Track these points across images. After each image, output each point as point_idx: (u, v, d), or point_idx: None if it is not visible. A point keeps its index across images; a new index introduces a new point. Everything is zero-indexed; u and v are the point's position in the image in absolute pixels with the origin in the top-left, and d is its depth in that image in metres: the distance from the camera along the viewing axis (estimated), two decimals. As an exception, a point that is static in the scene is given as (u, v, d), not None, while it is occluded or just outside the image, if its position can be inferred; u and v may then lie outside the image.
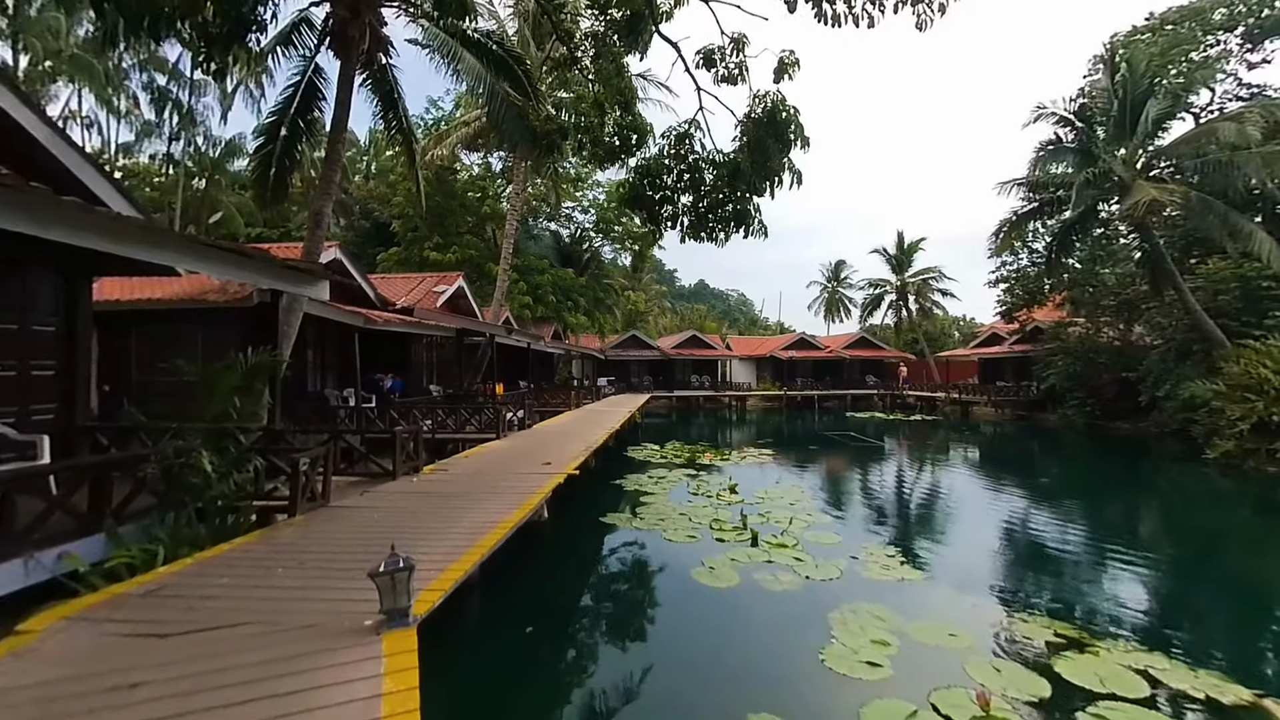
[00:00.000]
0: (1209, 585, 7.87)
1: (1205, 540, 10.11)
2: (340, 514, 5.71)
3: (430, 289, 18.04)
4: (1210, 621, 6.53)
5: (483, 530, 5.03)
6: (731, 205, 8.19)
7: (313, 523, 5.36)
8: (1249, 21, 21.25)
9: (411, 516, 5.61)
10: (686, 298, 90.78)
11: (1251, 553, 9.39)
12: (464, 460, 9.24)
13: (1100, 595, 7.06)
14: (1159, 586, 7.67)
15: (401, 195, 29.30)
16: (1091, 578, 7.78)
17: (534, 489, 6.85)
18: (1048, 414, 28.00)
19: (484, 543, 4.66)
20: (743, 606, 6.23)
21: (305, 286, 7.46)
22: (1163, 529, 10.96)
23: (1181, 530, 10.83)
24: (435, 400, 16.37)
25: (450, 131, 25.26)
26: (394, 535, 4.86)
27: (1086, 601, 6.75)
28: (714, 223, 8.40)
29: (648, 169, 8.01)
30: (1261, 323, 18.05)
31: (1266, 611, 6.79)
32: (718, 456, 16.51)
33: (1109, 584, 7.53)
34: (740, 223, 8.15)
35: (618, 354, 38.59)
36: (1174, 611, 6.77)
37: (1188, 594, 7.54)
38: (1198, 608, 7.01)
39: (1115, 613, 6.36)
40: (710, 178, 8.27)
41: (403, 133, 13.89)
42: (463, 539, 4.82)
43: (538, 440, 12.24)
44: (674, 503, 10.69)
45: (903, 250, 44.91)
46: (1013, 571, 8.13)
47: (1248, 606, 6.98)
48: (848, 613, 5.83)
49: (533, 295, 29.90)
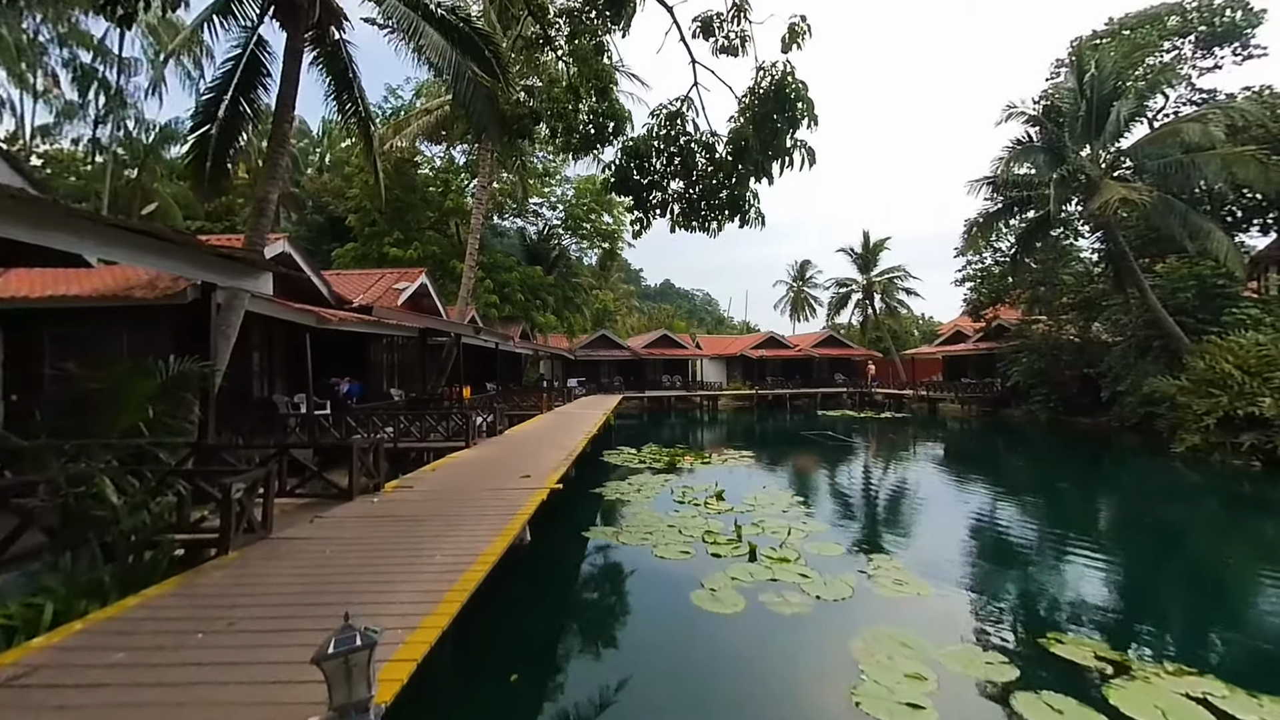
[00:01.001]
0: (1234, 592, 7.39)
1: (1212, 541, 9.81)
2: (285, 548, 4.79)
3: (390, 286, 16.85)
4: (1250, 634, 6.11)
5: (460, 566, 4.22)
6: (726, 192, 7.56)
7: (249, 562, 4.44)
8: (1200, 29, 22.02)
9: (372, 550, 4.73)
10: (652, 297, 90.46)
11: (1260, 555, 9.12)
12: (431, 474, 8.31)
13: (1125, 606, 6.71)
14: (1182, 594, 7.34)
15: (358, 188, 27.72)
16: (1110, 586, 7.46)
17: (515, 508, 6.03)
18: (1012, 410, 28.58)
19: (463, 584, 3.86)
20: (754, 636, 5.58)
21: (244, 279, 6.44)
22: (1161, 529, 10.53)
23: (1181, 530, 10.54)
24: (397, 405, 15.25)
25: (410, 120, 23.89)
26: (350, 577, 4.01)
27: (1112, 613, 6.38)
28: (707, 211, 7.75)
29: (635, 150, 7.29)
30: (1219, 320, 18.63)
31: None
32: (697, 460, 15.92)
33: (1131, 593, 7.22)
34: (735, 210, 7.52)
35: (587, 354, 37.72)
36: (1207, 623, 6.37)
37: (1214, 602, 7.04)
38: (1231, 618, 6.53)
39: (1146, 626, 6.01)
40: (703, 161, 7.62)
41: (359, 117, 12.73)
42: (436, 579, 4.00)
43: (511, 448, 11.36)
44: (659, 513, 10.00)
45: (869, 249, 45.46)
46: (1025, 580, 7.73)
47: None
48: (871, 640, 5.26)
49: (499, 294, 28.77)
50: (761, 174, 6.10)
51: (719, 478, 13.22)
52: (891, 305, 46.30)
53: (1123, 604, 6.86)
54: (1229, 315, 18.25)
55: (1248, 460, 14.27)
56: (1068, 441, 21.61)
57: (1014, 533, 9.75)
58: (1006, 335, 29.42)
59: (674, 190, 7.87)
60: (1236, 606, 6.84)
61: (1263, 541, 9.53)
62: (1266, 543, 9.50)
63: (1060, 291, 26.60)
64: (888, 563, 7.50)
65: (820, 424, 27.61)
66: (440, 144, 29.56)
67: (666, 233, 8.46)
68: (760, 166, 5.99)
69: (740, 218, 7.58)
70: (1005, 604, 6.67)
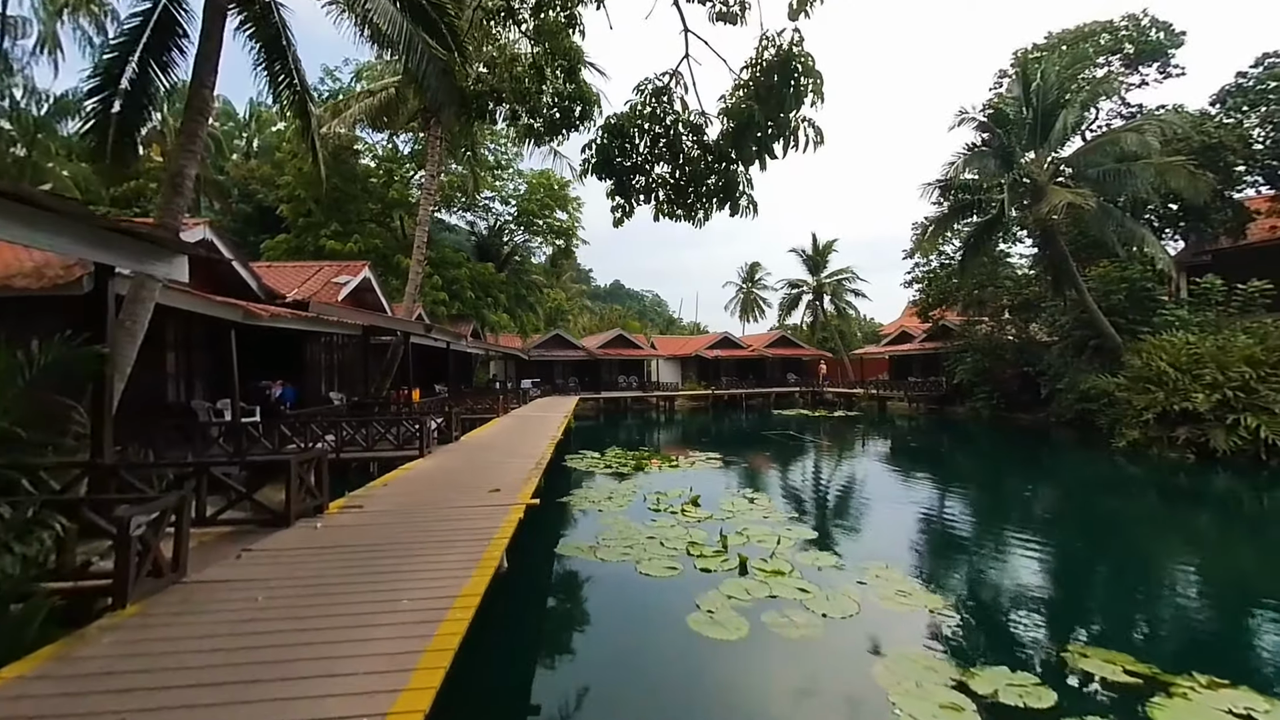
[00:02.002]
0: (1231, 591, 7.24)
1: (1192, 539, 9.74)
2: (202, 596, 3.81)
3: (330, 280, 15.40)
4: (1258, 636, 5.97)
5: (434, 613, 3.40)
6: (715, 178, 6.99)
7: (153, 617, 3.46)
8: (1127, 48, 23.43)
9: (317, 593, 3.82)
10: (602, 298, 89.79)
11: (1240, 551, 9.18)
12: (383, 490, 7.31)
13: (1132, 609, 6.56)
14: (1179, 595, 7.22)
15: (291, 174, 25.62)
16: (1109, 587, 7.39)
17: (489, 531, 5.21)
18: (956, 407, 29.64)
19: (442, 641, 3.06)
20: (765, 666, 5.01)
21: (151, 262, 5.31)
22: (1136, 527, 10.53)
23: (1156, 527, 10.59)
24: (338, 410, 13.89)
25: (351, 103, 22.14)
26: (289, 636, 3.14)
27: (1123, 616, 6.22)
28: (694, 197, 7.16)
29: (619, 128, 6.60)
30: (1148, 320, 19.77)
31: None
32: (665, 463, 15.35)
33: (1132, 595, 7.11)
34: (726, 197, 6.96)
35: (541, 354, 36.55)
36: (1216, 626, 6.25)
37: (1211, 603, 6.89)
38: (1237, 620, 6.41)
39: (1159, 630, 5.83)
40: (690, 144, 7.02)
41: (295, 91, 11.34)
42: (404, 634, 3.18)
43: (471, 456, 10.40)
44: (636, 523, 9.33)
45: (818, 251, 46.42)
46: (1026, 584, 7.50)
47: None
48: (893, 664, 4.79)
49: (448, 291, 27.29)
50: (763, 153, 5.56)
51: (690, 482, 12.69)
52: (840, 306, 47.44)
53: (1129, 606, 6.73)
54: (1159, 317, 19.38)
55: (1183, 453, 15.04)
56: (1011, 437, 22.44)
57: (997, 533, 9.68)
58: (951, 335, 30.52)
59: (659, 174, 7.23)
60: (1235, 606, 6.83)
61: (1239, 540, 9.85)
62: (1244, 542, 9.82)
63: (1001, 293, 27.81)
64: (884, 571, 7.12)
65: (777, 423, 27.70)
66: (384, 131, 27.79)
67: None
68: (764, 145, 5.45)
69: (731, 205, 7.03)
70: (1014, 612, 6.39)
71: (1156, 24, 23.21)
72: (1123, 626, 6.03)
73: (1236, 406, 14.50)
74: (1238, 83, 24.02)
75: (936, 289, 29.52)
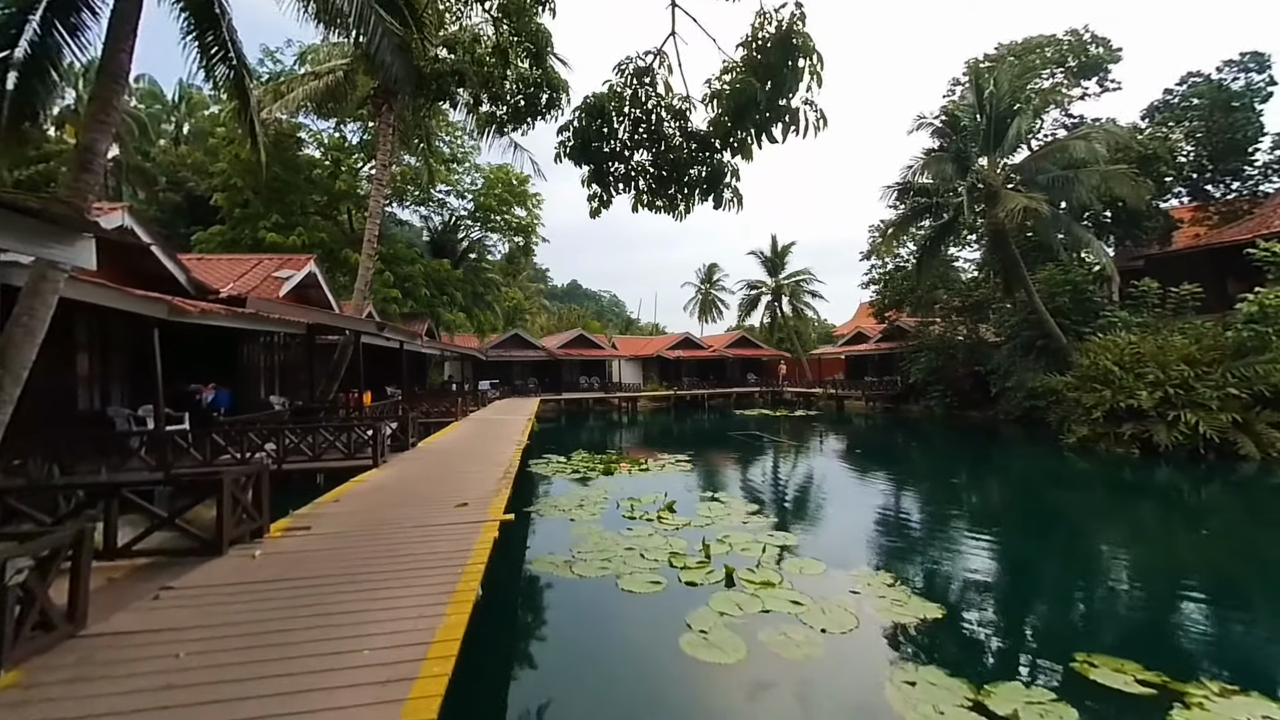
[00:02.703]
0: (1220, 592, 7.07)
1: (1170, 537, 9.70)
2: (105, 655, 3.08)
3: (270, 274, 14.19)
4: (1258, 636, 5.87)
5: (404, 672, 2.79)
6: (699, 168, 6.57)
7: (34, 695, 2.72)
8: (1069, 63, 24.59)
9: (255, 645, 3.14)
10: (560, 297, 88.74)
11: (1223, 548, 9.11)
12: (334, 506, 6.53)
13: (1121, 609, 6.51)
14: (1172, 596, 7.07)
15: (226, 161, 23.77)
16: (1097, 587, 7.35)
17: (460, 555, 4.60)
18: (911, 405, 30.46)
19: (418, 707, 2.49)
20: (772, 693, 4.61)
21: (46, 244, 4.43)
22: (1107, 525, 10.47)
23: (1116, 523, 10.60)
24: (281, 416, 12.76)
25: (294, 86, 20.61)
26: (219, 714, 2.49)
27: (1118, 619, 6.14)
28: (677, 188, 6.72)
29: (599, 108, 6.08)
30: (1090, 322, 20.71)
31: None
32: (635, 467, 14.88)
33: (1114, 594, 7.07)
34: (711, 188, 6.55)
35: (499, 354, 35.42)
36: (1208, 627, 6.17)
37: (1203, 604, 6.69)
38: (1221, 619, 6.28)
39: (1159, 634, 5.75)
40: (672, 130, 6.57)
41: (231, 68, 10.26)
42: (372, 699, 2.60)
43: (431, 465, 9.64)
44: (611, 533, 8.82)
45: (777, 253, 47.03)
46: (1016, 587, 7.47)
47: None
48: (903, 683, 4.48)
49: (401, 288, 25.98)
50: (761, 136, 5.18)
51: (662, 486, 12.28)
52: (798, 307, 48.19)
53: (1117, 606, 6.70)
54: (1103, 318, 20.31)
55: (1129, 449, 15.71)
56: (964, 434, 23.10)
57: (970, 533, 9.64)
58: (906, 336, 31.36)
59: (638, 162, 6.75)
60: (1224, 607, 6.86)
61: (1191, 535, 10.16)
62: (1195, 536, 10.14)
63: (953, 295, 28.75)
64: (872, 577, 6.89)
65: (740, 424, 27.71)
66: (330, 119, 26.21)
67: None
68: (764, 127, 5.07)
69: (715, 197, 6.63)
70: (1009, 618, 6.27)
71: (1096, 39, 24.46)
72: (1117, 628, 5.98)
73: (1177, 403, 15.24)
74: (1165, 99, 25.62)
75: (893, 290, 30.24)
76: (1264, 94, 23.13)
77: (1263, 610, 6.48)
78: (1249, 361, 15.03)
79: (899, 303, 30.31)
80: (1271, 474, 13.49)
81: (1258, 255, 15.87)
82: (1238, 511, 11.61)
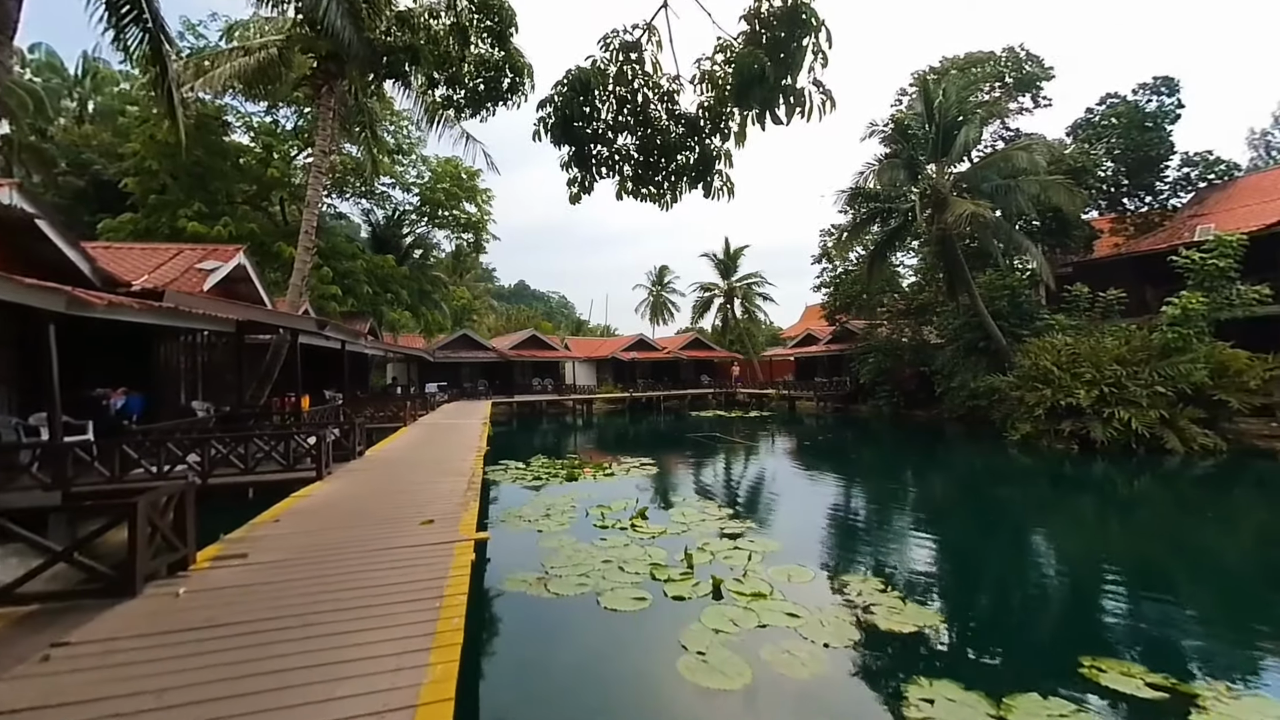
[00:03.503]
0: (1195, 587, 7.30)
1: (1142, 531, 9.84)
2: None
3: (192, 266, 12.75)
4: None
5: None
6: (688, 153, 6.16)
7: None
8: (1007, 79, 25.96)
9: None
10: (507, 298, 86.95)
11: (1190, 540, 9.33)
12: (273, 528, 5.67)
13: (1105, 605, 6.47)
14: (1154, 593, 7.06)
15: (139, 142, 21.54)
16: (1073, 583, 7.41)
17: (435, 586, 3.94)
18: (860, 405, 31.30)
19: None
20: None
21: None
22: (1070, 520, 10.61)
23: (1101, 522, 10.60)
24: (206, 424, 11.43)
25: (221, 62, 18.81)
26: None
27: (1108, 617, 6.10)
28: (664, 175, 6.28)
29: (583, 81, 5.55)
30: (1029, 324, 21.81)
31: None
32: (599, 471, 14.32)
33: (1095, 589, 7.05)
34: (700, 176, 6.15)
35: (447, 355, 33.91)
36: (1198, 627, 6.11)
37: (1190, 603, 6.76)
38: (1213, 618, 6.31)
39: (1157, 633, 5.71)
40: (659, 113, 6.13)
41: (144, 29, 8.99)
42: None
43: (383, 475, 8.77)
44: (585, 543, 8.27)
45: (729, 256, 47.52)
46: (993, 583, 7.45)
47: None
48: (922, 701, 4.21)
49: (341, 284, 24.34)
50: (763, 116, 4.81)
51: (631, 492, 11.82)
52: (750, 309, 48.85)
53: (1110, 607, 6.61)
54: (1040, 321, 21.40)
55: (1068, 445, 16.52)
56: (911, 432, 23.84)
57: (946, 532, 9.65)
58: (855, 338, 32.23)
59: (622, 146, 6.27)
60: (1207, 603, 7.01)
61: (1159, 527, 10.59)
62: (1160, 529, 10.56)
63: (899, 299, 29.77)
64: (863, 583, 6.67)
65: (696, 425, 27.62)
66: (261, 101, 24.25)
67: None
68: (767, 106, 4.70)
69: (705, 186, 6.24)
70: (1005, 620, 6.17)
71: (1030, 57, 25.92)
72: (1109, 628, 5.90)
73: (1111, 401, 16.14)
74: (1086, 117, 27.47)
75: (843, 293, 30.98)
76: (1173, 115, 25.13)
77: (1236, 607, 6.66)
78: (1173, 361, 16.09)
79: (849, 305, 31.07)
80: (1193, 467, 14.43)
81: (1180, 262, 17.05)
82: (1193, 505, 11.72)
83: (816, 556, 7.93)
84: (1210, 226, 21.09)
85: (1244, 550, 8.74)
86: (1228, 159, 25.70)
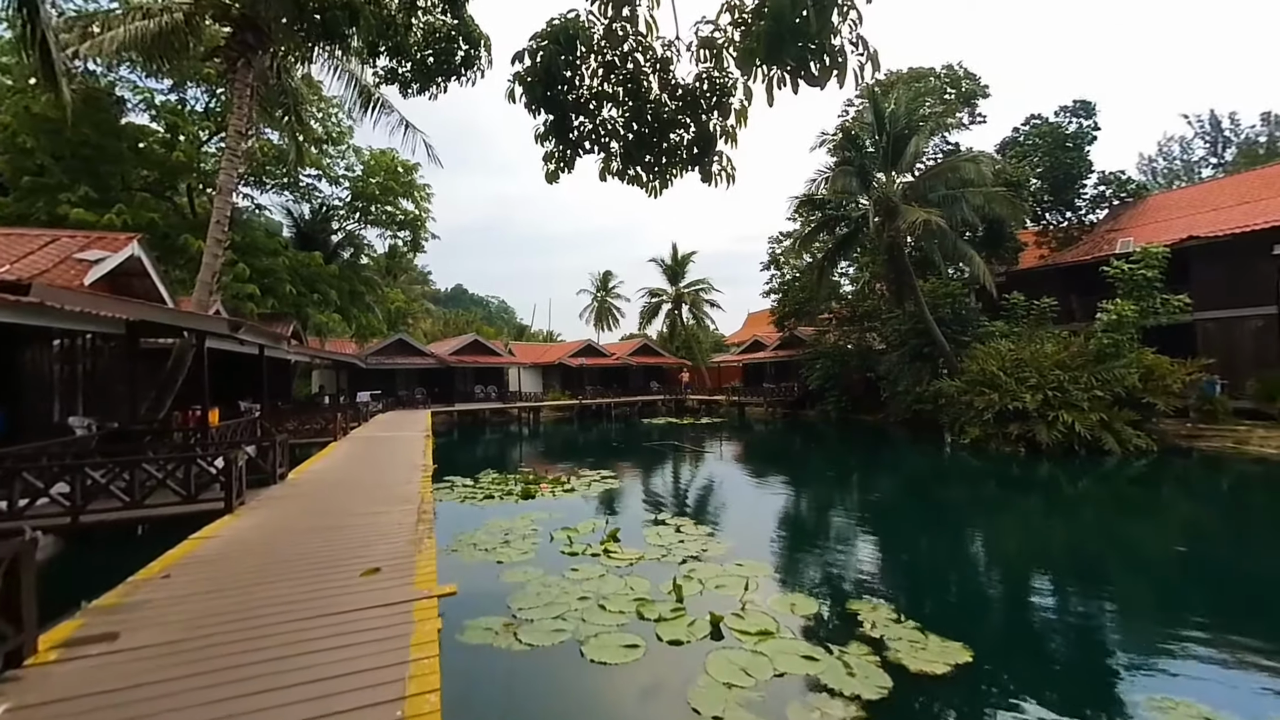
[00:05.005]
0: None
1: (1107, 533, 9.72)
2: None
3: (70, 255, 10.72)
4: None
5: None
6: (685, 130, 5.37)
7: None
8: (948, 94, 27.03)
9: None
10: (443, 302, 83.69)
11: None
12: (161, 587, 4.35)
13: (1158, 640, 6.15)
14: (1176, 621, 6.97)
15: (9, 115, 18.55)
16: (1105, 609, 7.04)
17: (394, 671, 2.90)
18: (808, 410, 31.66)
19: None
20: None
21: None
22: (1065, 529, 10.16)
23: (1081, 525, 10.38)
24: (86, 445, 9.49)
25: (113, 25, 16.32)
26: None
27: (1160, 653, 5.71)
28: (656, 155, 5.46)
29: (569, 34, 4.65)
30: (971, 330, 22.55)
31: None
32: (556, 487, 13.22)
33: (1140, 621, 6.77)
34: (699, 157, 5.38)
35: (380, 362, 31.53)
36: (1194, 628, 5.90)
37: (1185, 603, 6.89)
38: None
39: (1159, 641, 5.36)
40: (650, 84, 5.31)
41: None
42: None
43: (312, 504, 7.40)
44: (554, 576, 7.25)
45: (677, 261, 47.34)
46: (1014, 606, 6.99)
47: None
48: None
49: (259, 283, 21.94)
50: (797, 78, 4.07)
51: (595, 510, 10.88)
52: (698, 315, 48.83)
53: (1155, 636, 6.36)
54: (982, 327, 22.14)
55: (1015, 447, 16.96)
56: (860, 436, 24.10)
57: (931, 544, 9.32)
58: (803, 344, 32.62)
59: (609, 119, 5.39)
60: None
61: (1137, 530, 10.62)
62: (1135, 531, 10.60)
63: (843, 305, 30.34)
64: (873, 612, 6.05)
65: (648, 432, 26.92)
66: (164, 77, 21.55)
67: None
68: (802, 63, 3.96)
69: (703, 168, 5.47)
70: (1049, 654, 5.58)
71: (968, 75, 27.10)
72: (1167, 663, 5.34)
73: (1055, 405, 16.70)
74: (1014, 136, 29.07)
75: (792, 300, 31.25)
76: (1091, 137, 26.93)
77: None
78: (1108, 366, 16.87)
79: (798, 312, 31.37)
80: (1130, 466, 15.07)
81: (1111, 272, 17.95)
82: (1148, 505, 12.24)
83: (812, 580, 7.28)
84: (1130, 240, 22.58)
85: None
86: (1138, 179, 27.81)
